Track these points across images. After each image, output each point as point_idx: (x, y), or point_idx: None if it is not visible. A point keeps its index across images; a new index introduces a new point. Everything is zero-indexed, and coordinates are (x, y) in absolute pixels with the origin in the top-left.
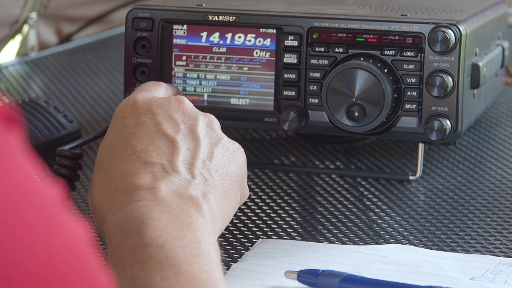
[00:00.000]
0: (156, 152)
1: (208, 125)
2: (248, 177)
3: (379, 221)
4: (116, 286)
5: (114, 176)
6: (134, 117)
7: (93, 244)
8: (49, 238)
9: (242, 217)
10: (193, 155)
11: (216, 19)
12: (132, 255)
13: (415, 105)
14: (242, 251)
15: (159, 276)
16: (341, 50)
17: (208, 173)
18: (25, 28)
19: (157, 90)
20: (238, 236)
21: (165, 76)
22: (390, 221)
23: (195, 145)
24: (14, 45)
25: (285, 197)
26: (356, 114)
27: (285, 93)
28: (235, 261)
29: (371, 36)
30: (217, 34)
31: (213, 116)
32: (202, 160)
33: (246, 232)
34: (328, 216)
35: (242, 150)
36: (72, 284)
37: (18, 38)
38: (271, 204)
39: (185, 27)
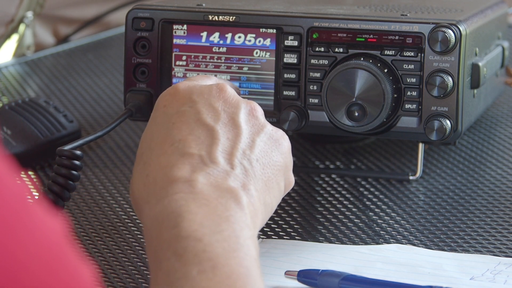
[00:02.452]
0: (195, 142)
1: (250, 113)
2: None
3: (379, 221)
4: (152, 279)
5: (152, 168)
6: (175, 106)
7: (68, 238)
8: (21, 232)
9: None
10: (233, 145)
11: (216, 19)
12: (168, 247)
13: (415, 105)
14: None
15: (196, 270)
16: (341, 50)
17: (249, 163)
18: (21, 27)
19: (205, 80)
20: None
21: (165, 76)
22: (390, 221)
23: (235, 134)
24: (10, 45)
25: (285, 197)
26: (356, 114)
27: (285, 93)
28: None
29: (371, 36)
30: (217, 34)
31: (256, 104)
32: (242, 149)
33: None
34: (328, 216)
35: (286, 137)
36: None
37: (15, 37)
38: None
39: (185, 27)
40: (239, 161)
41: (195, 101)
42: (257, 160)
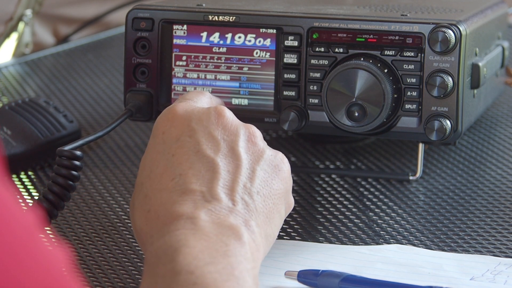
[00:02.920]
0: (195, 177)
1: (249, 140)
2: None
3: (379, 221)
4: None
5: (154, 203)
6: (173, 134)
7: (72, 266)
8: (27, 261)
9: None
10: (234, 178)
11: (216, 19)
12: (163, 282)
13: (415, 105)
14: None
15: None
16: (341, 50)
17: (250, 197)
18: (21, 25)
19: (200, 99)
20: None
21: (165, 76)
22: (390, 221)
23: (235, 166)
24: (10, 44)
25: None
26: (356, 114)
27: (285, 93)
28: None
29: (371, 36)
30: (217, 34)
31: (255, 128)
32: (243, 183)
33: None
34: (328, 216)
35: (286, 160)
36: None
37: (14, 36)
38: None
39: (185, 27)
40: (240, 196)
41: (194, 129)
42: (258, 193)
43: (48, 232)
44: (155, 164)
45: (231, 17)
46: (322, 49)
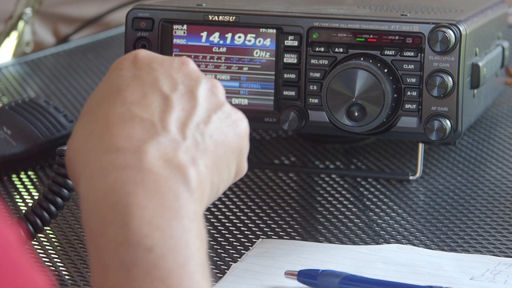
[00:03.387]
0: (147, 107)
1: (210, 90)
2: (248, 177)
3: (379, 221)
4: (95, 278)
5: (99, 126)
6: (131, 70)
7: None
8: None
9: (242, 217)
10: (187, 116)
11: (216, 19)
12: (115, 253)
13: (415, 105)
14: (242, 251)
15: None
16: (341, 50)
17: (201, 136)
18: (20, 24)
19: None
20: (238, 236)
21: None
22: (390, 221)
23: (191, 106)
24: (10, 43)
25: (285, 197)
26: (356, 114)
27: (285, 93)
28: (235, 261)
29: (371, 36)
30: (217, 34)
31: (218, 82)
32: (196, 122)
33: (246, 232)
34: (328, 216)
35: (245, 120)
36: None
37: (14, 35)
38: (271, 204)
39: (185, 27)
40: (191, 132)
41: (155, 68)
42: (211, 136)
43: (30, 251)
44: (107, 93)
45: (231, 17)
46: (322, 49)
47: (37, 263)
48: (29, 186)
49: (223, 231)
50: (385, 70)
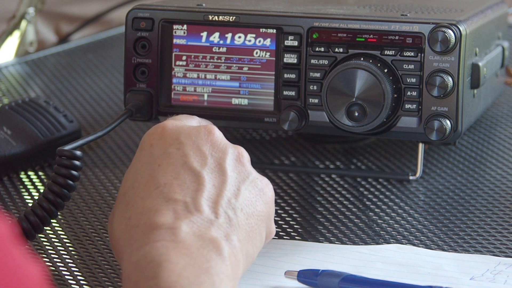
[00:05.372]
0: (180, 188)
1: (237, 159)
2: None
3: (379, 221)
4: None
5: (135, 211)
6: (161, 147)
7: (47, 282)
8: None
9: None
10: (219, 192)
11: (216, 19)
12: None
13: (415, 105)
14: None
15: None
16: (341, 50)
17: (233, 212)
18: (23, 23)
19: (189, 121)
20: None
21: (165, 76)
22: (390, 221)
23: (221, 181)
24: (13, 42)
25: (285, 197)
26: (356, 114)
27: (285, 93)
28: None
29: (371, 36)
30: (217, 34)
31: (243, 149)
32: (227, 198)
33: None
34: (328, 216)
35: (271, 186)
36: None
37: (16, 34)
38: None
39: (185, 27)
40: (223, 210)
41: (183, 143)
42: (242, 210)
43: (24, 247)
44: (140, 174)
45: (231, 17)
46: (322, 49)
47: (30, 255)
48: (29, 186)
49: None
50: (385, 70)
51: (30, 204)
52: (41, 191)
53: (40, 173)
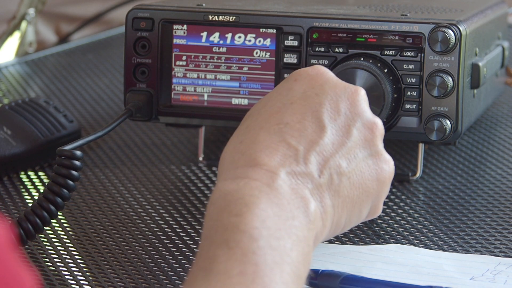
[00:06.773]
0: (299, 132)
1: (369, 129)
2: None
3: (379, 221)
4: (198, 254)
5: (249, 138)
6: (303, 86)
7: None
8: None
9: None
10: (333, 152)
11: (216, 19)
12: (223, 233)
13: (415, 105)
14: None
15: (238, 269)
16: (341, 50)
17: (339, 176)
18: (23, 24)
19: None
20: None
21: (165, 76)
22: (390, 221)
23: (341, 142)
24: (13, 42)
25: None
26: None
27: None
28: None
29: (371, 36)
30: (217, 34)
31: (381, 124)
32: (338, 161)
33: None
34: None
35: (391, 164)
36: None
37: (17, 35)
38: None
39: (185, 27)
40: (330, 170)
41: (325, 91)
42: (349, 178)
43: (19, 253)
44: (271, 103)
45: (231, 17)
46: (322, 49)
47: (25, 264)
48: (29, 186)
49: None
50: (385, 70)
51: (30, 204)
52: (41, 191)
53: (40, 173)
